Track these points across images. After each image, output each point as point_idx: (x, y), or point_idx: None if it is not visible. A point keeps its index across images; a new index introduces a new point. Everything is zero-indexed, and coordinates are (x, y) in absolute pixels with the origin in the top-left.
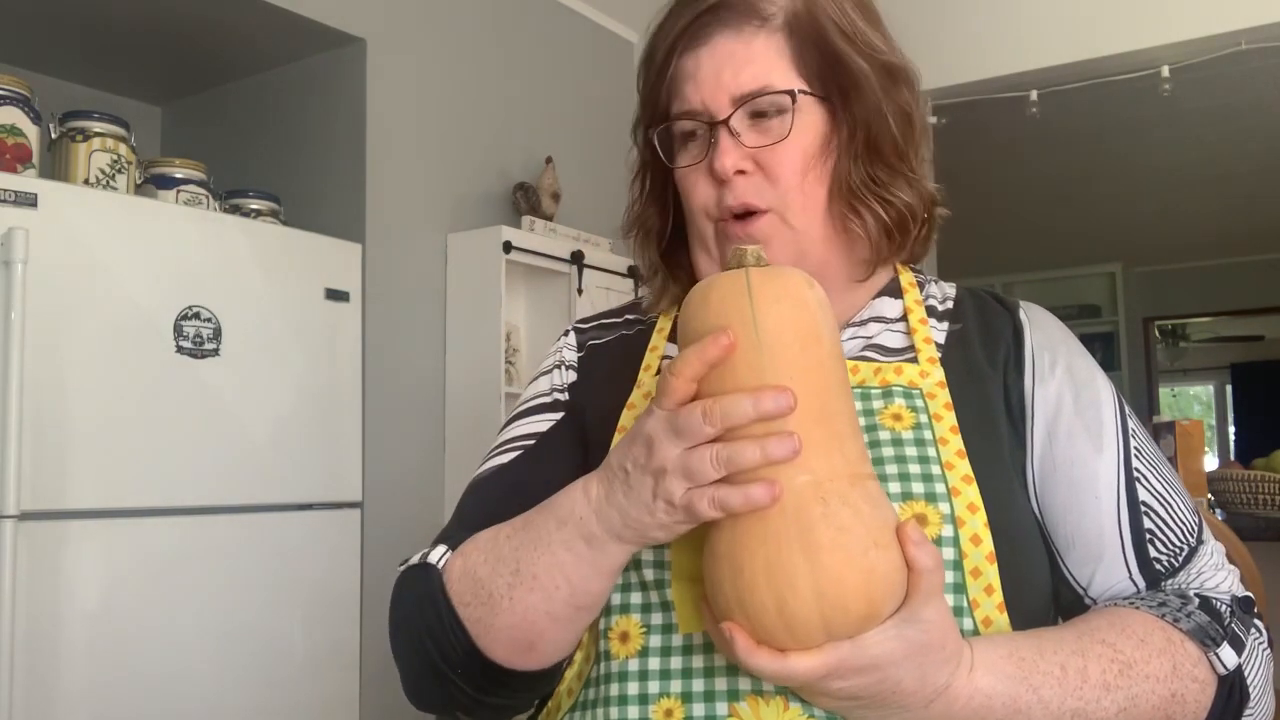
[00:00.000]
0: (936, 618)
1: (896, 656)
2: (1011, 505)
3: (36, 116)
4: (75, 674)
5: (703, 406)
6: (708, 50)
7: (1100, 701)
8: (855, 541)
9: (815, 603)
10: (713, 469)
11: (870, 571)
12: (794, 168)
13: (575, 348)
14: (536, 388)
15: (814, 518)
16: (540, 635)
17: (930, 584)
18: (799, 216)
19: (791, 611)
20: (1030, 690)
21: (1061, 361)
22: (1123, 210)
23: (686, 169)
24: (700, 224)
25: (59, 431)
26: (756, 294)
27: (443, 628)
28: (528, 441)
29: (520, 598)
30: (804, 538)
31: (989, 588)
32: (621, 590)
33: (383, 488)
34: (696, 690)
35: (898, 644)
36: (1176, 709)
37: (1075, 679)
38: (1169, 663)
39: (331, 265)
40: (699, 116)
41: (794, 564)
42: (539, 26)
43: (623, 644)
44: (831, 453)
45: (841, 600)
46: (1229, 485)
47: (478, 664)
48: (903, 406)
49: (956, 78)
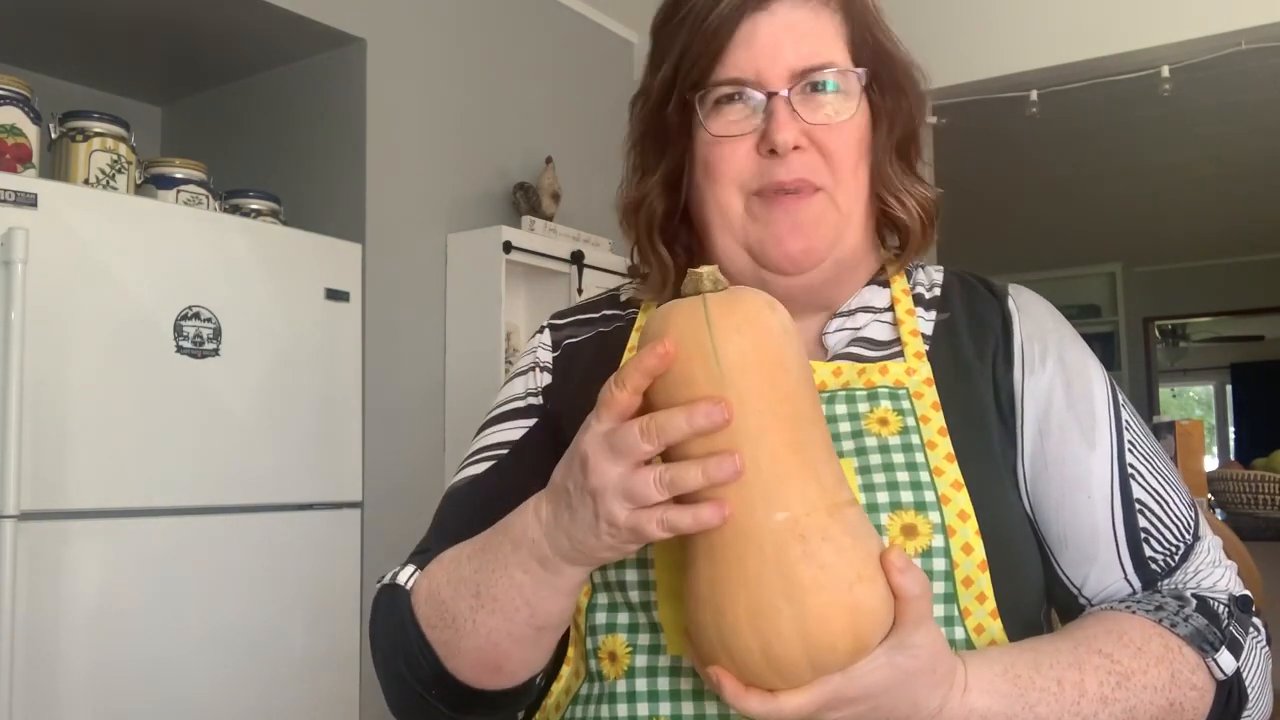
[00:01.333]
0: (926, 642)
1: (887, 684)
2: (1002, 506)
3: (36, 116)
4: (75, 674)
5: (640, 423)
6: (767, 17)
7: (1098, 715)
8: (838, 579)
9: (801, 644)
10: (656, 491)
11: (855, 609)
12: (850, 149)
13: (550, 347)
14: (511, 390)
15: (794, 558)
16: (505, 656)
17: (918, 610)
18: (847, 200)
19: (777, 654)
20: (1026, 708)
21: (1053, 352)
22: (1123, 210)
23: (723, 138)
24: (727, 198)
25: (59, 431)
26: (716, 325)
27: (413, 650)
28: (500, 451)
29: (482, 620)
30: (785, 579)
31: (981, 595)
32: (608, 610)
33: (383, 488)
34: (686, 714)
35: (888, 672)
36: (1175, 717)
37: (1072, 694)
38: (1167, 671)
39: (331, 265)
40: (749, 85)
41: (777, 607)
42: (539, 26)
43: (612, 664)
44: (807, 484)
45: (828, 640)
46: (1229, 485)
47: (449, 685)
48: (889, 410)
49: (956, 78)
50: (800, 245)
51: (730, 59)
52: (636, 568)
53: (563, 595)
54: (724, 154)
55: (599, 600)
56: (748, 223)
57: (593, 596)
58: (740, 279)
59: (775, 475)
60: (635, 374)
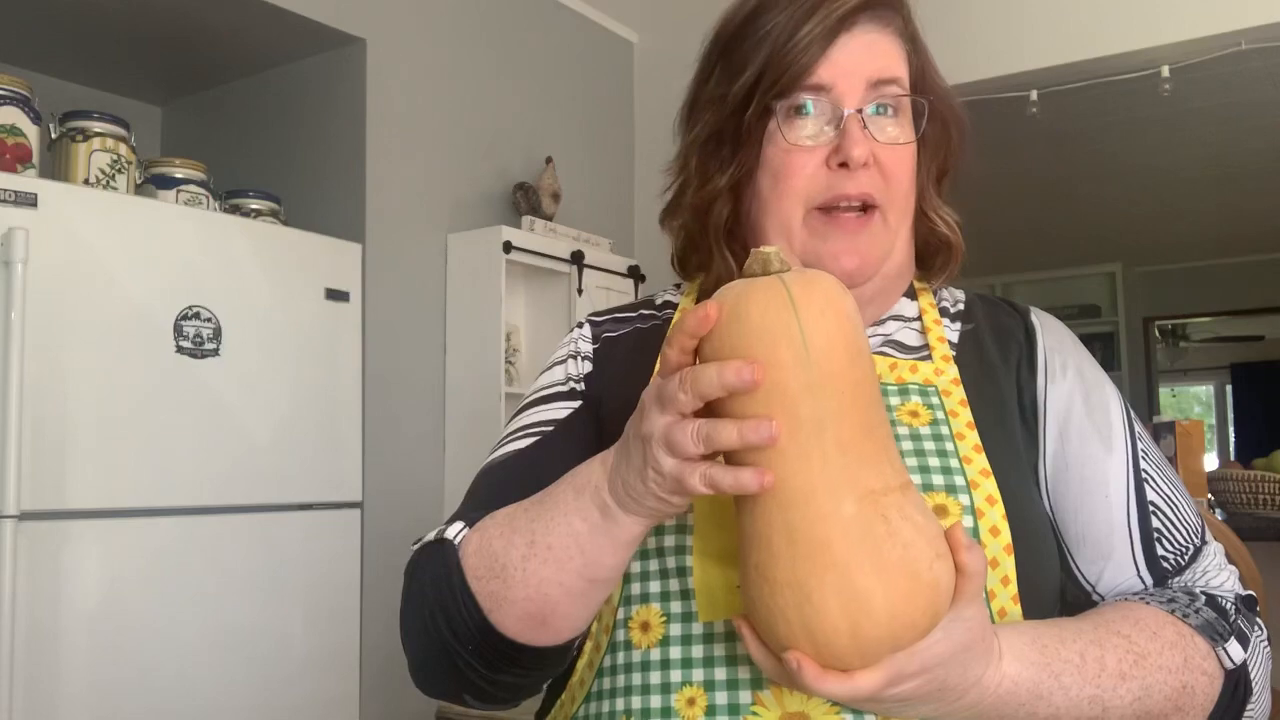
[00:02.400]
0: (977, 614)
1: (945, 657)
2: (1026, 500)
3: (36, 116)
4: (75, 674)
5: (679, 374)
6: (850, 36)
7: (1116, 690)
8: (920, 556)
9: (888, 623)
10: (693, 444)
11: (935, 586)
12: (906, 172)
13: (590, 339)
14: (551, 376)
15: (880, 537)
16: (553, 609)
17: (977, 586)
18: (896, 219)
19: (865, 635)
20: (1052, 676)
21: (1072, 364)
22: (1123, 210)
23: (796, 147)
24: (790, 208)
25: (59, 431)
26: (801, 306)
27: (456, 603)
28: (546, 428)
29: (534, 570)
30: (874, 560)
31: (1005, 579)
32: (640, 579)
33: (383, 488)
34: (719, 679)
35: (945, 645)
36: (1186, 700)
37: (1094, 667)
38: (1180, 655)
39: (331, 265)
40: (829, 94)
41: (868, 586)
42: (539, 26)
43: (644, 633)
44: (882, 465)
45: (911, 618)
46: (1229, 485)
47: (490, 640)
48: (919, 404)
49: (956, 78)
50: (855, 263)
51: (810, 70)
52: (675, 533)
53: (617, 547)
54: (796, 164)
55: (633, 570)
56: (805, 235)
57: (629, 566)
58: None
59: (857, 456)
60: (680, 335)
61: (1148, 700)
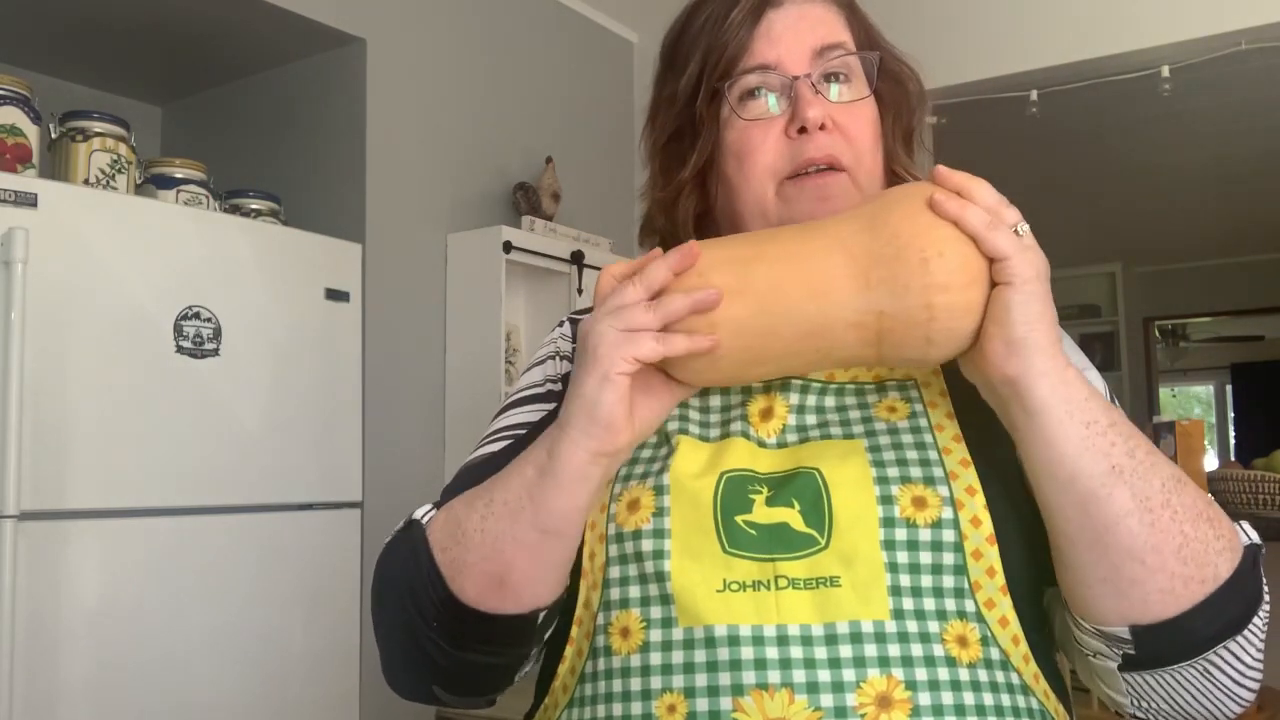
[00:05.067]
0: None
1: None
2: (1010, 486)
3: (36, 116)
4: (75, 674)
5: (630, 280)
6: (782, 11)
7: (1163, 459)
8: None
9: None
10: (646, 314)
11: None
12: (868, 131)
13: (570, 339)
14: (530, 378)
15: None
16: (509, 566)
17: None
18: (866, 180)
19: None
20: (1111, 407)
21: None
22: (1123, 210)
23: (753, 123)
24: (760, 186)
25: (59, 431)
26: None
27: (421, 579)
28: (519, 431)
29: (490, 527)
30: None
31: (991, 570)
32: (620, 585)
33: (383, 488)
34: (700, 685)
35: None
36: (1215, 515)
37: (1136, 438)
38: (1205, 499)
39: (331, 265)
40: (774, 69)
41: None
42: (539, 26)
43: (624, 639)
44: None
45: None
46: (1229, 485)
47: (452, 611)
48: (897, 398)
49: (956, 78)
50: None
51: (754, 50)
52: (653, 538)
53: (563, 486)
54: (755, 139)
55: (613, 575)
56: (779, 207)
57: (607, 571)
58: None
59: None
60: (634, 262)
61: (1182, 491)
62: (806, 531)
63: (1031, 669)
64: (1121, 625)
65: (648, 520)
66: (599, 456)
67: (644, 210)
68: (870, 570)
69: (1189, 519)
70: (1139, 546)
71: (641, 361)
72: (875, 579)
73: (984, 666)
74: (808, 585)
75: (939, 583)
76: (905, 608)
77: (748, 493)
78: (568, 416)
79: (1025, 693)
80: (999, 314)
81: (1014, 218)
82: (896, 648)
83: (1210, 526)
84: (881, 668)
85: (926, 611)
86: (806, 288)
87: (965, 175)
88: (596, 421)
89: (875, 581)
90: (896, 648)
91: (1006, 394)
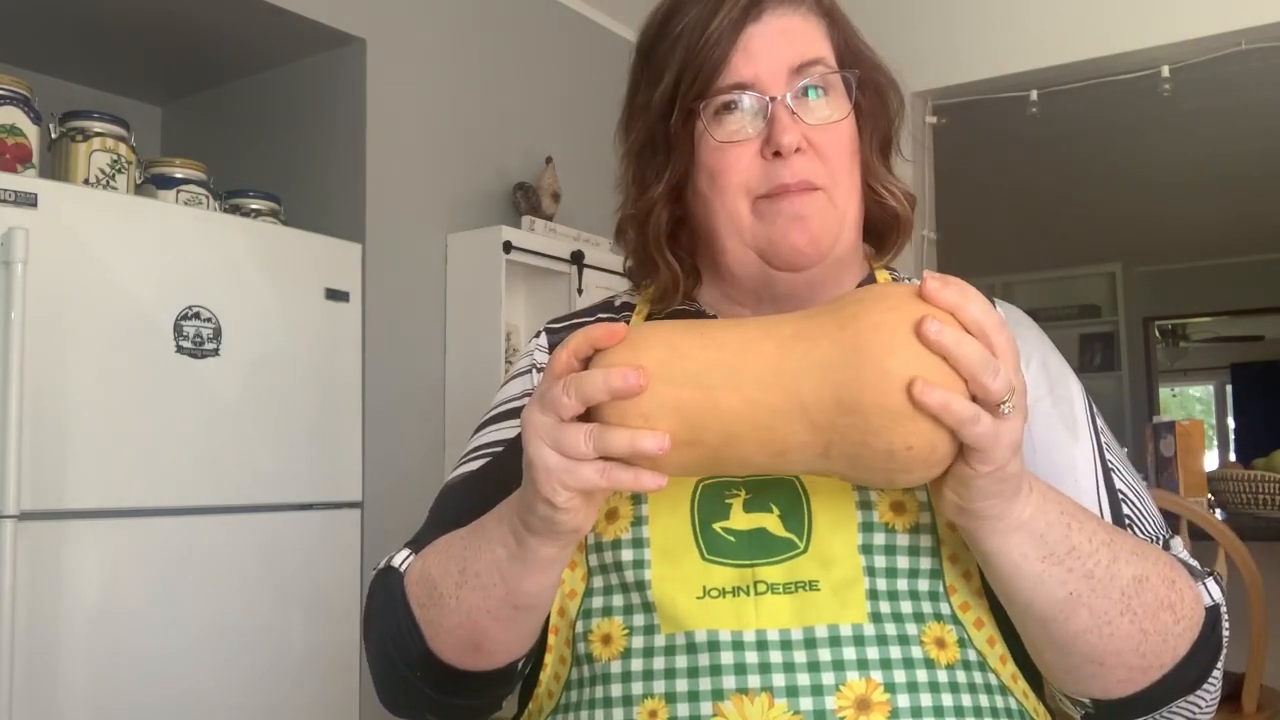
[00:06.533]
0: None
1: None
2: None
3: (36, 116)
4: (75, 674)
5: (563, 380)
6: (761, 26)
7: (1126, 558)
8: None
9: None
10: (585, 446)
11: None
12: (845, 148)
13: (546, 349)
14: (508, 392)
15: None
16: (484, 635)
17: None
18: (843, 198)
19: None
20: (1073, 513)
21: (1036, 356)
22: (1123, 210)
23: (727, 144)
24: (734, 203)
25: (59, 431)
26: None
27: (401, 631)
28: (496, 449)
29: (465, 597)
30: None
31: (968, 573)
32: (603, 593)
33: (383, 488)
34: (680, 690)
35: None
36: (1176, 599)
37: (1104, 530)
38: (1168, 563)
39: (331, 265)
40: (751, 88)
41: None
42: (538, 26)
43: (605, 646)
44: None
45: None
46: (1229, 485)
47: (433, 666)
48: None
49: (956, 78)
50: (805, 238)
51: (731, 67)
52: (632, 548)
53: (534, 572)
54: (729, 160)
55: (595, 584)
56: (755, 224)
57: (589, 581)
58: (749, 280)
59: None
60: (582, 340)
61: (1147, 584)
62: (786, 536)
63: (1009, 669)
64: (1084, 697)
65: (626, 530)
66: (567, 546)
67: (618, 214)
68: (849, 574)
69: (1149, 615)
70: (1097, 654)
71: (584, 491)
72: (854, 583)
73: (962, 667)
74: (787, 590)
75: (915, 586)
76: (883, 611)
77: (724, 498)
78: (527, 519)
79: (1003, 692)
80: (958, 486)
81: (1007, 366)
82: (875, 650)
83: (1171, 613)
84: (860, 670)
85: (904, 614)
86: (763, 449)
87: (958, 289)
88: (557, 530)
89: (854, 585)
90: (875, 650)
91: (960, 528)
